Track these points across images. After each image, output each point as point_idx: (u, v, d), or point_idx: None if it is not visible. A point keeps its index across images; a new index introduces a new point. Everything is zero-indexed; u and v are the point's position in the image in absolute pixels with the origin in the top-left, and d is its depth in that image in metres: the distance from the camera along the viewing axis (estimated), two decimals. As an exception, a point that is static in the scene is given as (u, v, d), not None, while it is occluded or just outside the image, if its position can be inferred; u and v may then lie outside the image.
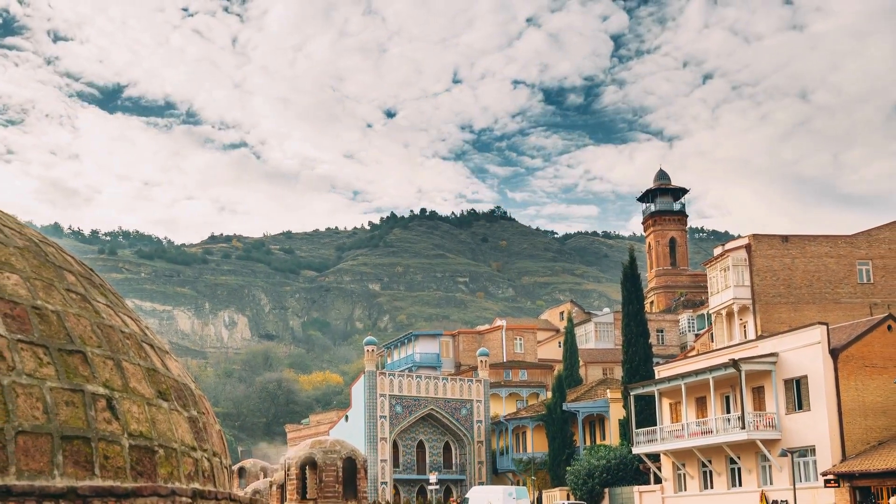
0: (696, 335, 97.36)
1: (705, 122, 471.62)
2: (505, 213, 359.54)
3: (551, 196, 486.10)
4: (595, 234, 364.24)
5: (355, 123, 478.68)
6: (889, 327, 55.53)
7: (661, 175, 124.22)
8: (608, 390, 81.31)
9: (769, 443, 55.97)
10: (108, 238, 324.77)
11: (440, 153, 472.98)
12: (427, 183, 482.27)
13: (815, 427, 53.71)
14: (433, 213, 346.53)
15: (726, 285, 73.91)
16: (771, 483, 56.14)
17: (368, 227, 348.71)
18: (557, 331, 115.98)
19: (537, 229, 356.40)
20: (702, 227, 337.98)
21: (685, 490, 63.48)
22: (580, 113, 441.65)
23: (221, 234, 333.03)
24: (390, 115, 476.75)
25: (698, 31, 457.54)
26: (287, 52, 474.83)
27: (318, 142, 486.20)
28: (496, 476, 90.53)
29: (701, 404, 62.76)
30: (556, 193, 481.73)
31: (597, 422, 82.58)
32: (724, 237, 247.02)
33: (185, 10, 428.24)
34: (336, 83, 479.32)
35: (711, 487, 61.13)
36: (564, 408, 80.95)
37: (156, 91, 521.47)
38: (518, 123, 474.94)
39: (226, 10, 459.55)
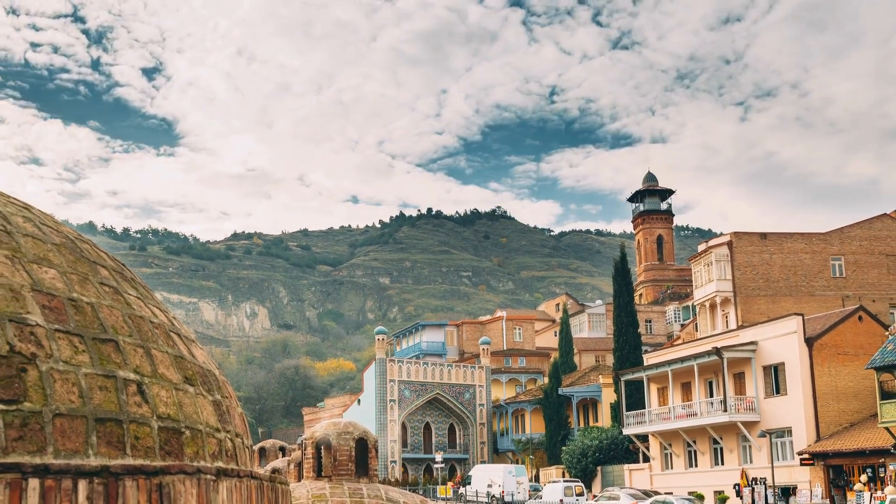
0: (682, 325, 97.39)
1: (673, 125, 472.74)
2: (505, 212, 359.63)
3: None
4: (588, 231, 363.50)
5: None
6: (860, 318, 55.65)
7: (650, 177, 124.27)
8: (600, 376, 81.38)
9: (749, 424, 56.06)
10: (139, 235, 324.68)
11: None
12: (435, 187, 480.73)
13: (792, 410, 53.81)
14: (439, 213, 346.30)
15: (709, 279, 73.96)
16: (751, 462, 56.23)
17: (379, 226, 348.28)
18: (553, 321, 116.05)
19: (535, 227, 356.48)
20: (687, 225, 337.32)
21: (671, 468, 63.57)
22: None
23: (243, 232, 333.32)
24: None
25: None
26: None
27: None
28: (497, 455, 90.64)
29: (686, 389, 62.84)
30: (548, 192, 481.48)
31: (590, 405, 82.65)
32: (707, 234, 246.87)
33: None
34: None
35: (696, 466, 61.23)
36: (560, 392, 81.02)
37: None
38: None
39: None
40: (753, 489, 52.20)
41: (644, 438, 65.88)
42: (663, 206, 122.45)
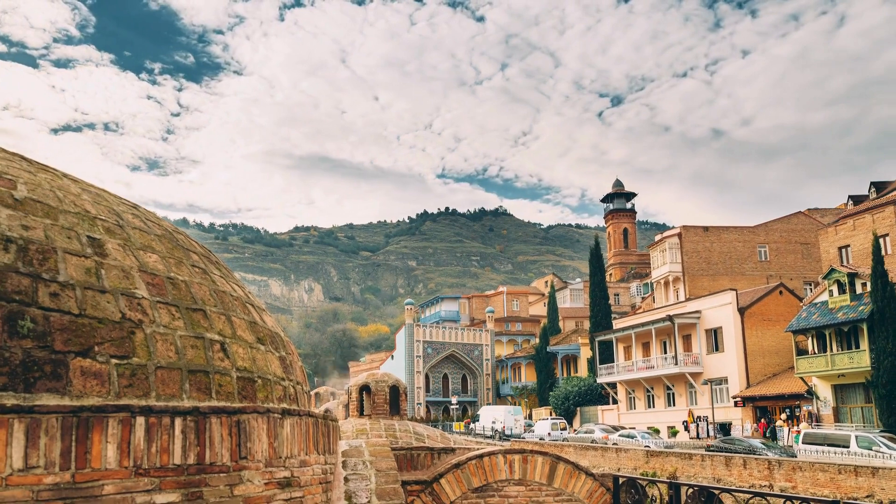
0: (643, 298, 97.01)
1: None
2: (506, 210, 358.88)
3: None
4: (570, 225, 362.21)
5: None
6: (780, 292, 55.42)
7: (617, 183, 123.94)
8: (579, 337, 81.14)
9: (694, 375, 55.92)
10: (222, 228, 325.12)
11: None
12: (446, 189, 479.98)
13: (728, 363, 53.66)
14: (454, 211, 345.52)
15: (664, 262, 73.68)
16: (696, 403, 56.09)
17: (408, 221, 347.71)
18: (543, 295, 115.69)
19: (528, 222, 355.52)
20: (647, 220, 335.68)
21: (635, 409, 63.46)
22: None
23: (303, 225, 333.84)
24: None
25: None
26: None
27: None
28: (499, 399, 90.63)
29: (646, 347, 62.70)
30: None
31: (571, 360, 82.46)
32: (662, 227, 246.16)
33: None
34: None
35: (653, 407, 61.11)
36: (548, 350, 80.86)
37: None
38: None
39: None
40: (698, 425, 52.16)
41: (613, 386, 65.77)
42: (628, 205, 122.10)
